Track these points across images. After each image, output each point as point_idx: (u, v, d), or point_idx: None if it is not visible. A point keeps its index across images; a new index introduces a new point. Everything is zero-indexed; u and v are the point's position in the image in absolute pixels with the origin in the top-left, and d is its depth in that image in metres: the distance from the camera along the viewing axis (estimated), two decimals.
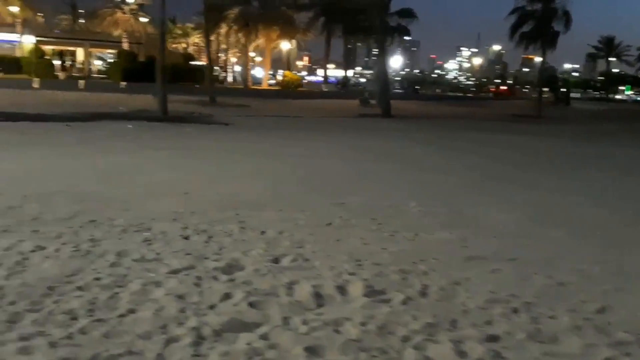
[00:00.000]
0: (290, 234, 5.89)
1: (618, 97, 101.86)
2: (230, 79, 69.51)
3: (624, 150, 17.70)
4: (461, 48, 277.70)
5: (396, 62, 49.21)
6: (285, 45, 56.93)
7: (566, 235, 6.56)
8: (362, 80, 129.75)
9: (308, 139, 15.62)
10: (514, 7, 36.52)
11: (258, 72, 73.85)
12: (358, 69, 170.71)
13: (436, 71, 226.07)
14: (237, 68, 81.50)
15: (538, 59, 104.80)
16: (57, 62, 50.49)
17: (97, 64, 64.92)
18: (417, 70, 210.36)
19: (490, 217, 7.27)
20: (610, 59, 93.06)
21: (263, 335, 3.53)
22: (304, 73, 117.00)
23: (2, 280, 4.20)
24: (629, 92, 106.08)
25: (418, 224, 6.67)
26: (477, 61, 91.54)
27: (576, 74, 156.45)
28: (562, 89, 71.96)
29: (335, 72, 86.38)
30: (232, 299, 4.05)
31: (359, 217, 6.84)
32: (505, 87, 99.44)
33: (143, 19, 58.12)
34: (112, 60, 60.96)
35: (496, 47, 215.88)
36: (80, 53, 59.02)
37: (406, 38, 62.41)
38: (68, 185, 7.77)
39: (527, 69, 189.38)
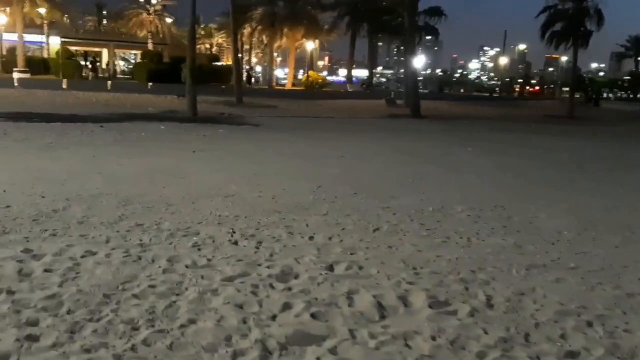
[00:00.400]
0: (339, 240, 5.74)
1: None
2: (253, 79, 69.71)
3: None
4: (484, 47, 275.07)
5: (419, 61, 48.67)
6: (310, 45, 56.82)
7: (623, 242, 6.31)
8: (383, 79, 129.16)
9: (341, 140, 15.42)
10: (544, 6, 35.94)
11: (279, 73, 73.96)
12: (379, 68, 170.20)
13: (458, 71, 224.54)
14: (258, 68, 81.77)
15: (563, 59, 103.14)
16: (83, 63, 50.98)
17: (120, 64, 65.59)
18: (439, 70, 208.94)
19: (540, 222, 7.04)
20: (639, 58, 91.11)
21: (331, 350, 3.37)
22: (324, 73, 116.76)
23: (56, 287, 4.10)
24: None
25: (468, 229, 6.47)
26: (504, 61, 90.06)
27: (601, 74, 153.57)
28: (589, 89, 70.84)
29: (357, 72, 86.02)
30: (292, 309, 3.90)
31: (406, 222, 6.67)
32: (537, 87, 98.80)
33: (168, 19, 58.67)
34: (134, 61, 61.59)
35: (521, 47, 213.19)
36: (105, 54, 59.66)
37: (428, 37, 61.84)
38: (109, 187, 7.70)
39: (551, 69, 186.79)
